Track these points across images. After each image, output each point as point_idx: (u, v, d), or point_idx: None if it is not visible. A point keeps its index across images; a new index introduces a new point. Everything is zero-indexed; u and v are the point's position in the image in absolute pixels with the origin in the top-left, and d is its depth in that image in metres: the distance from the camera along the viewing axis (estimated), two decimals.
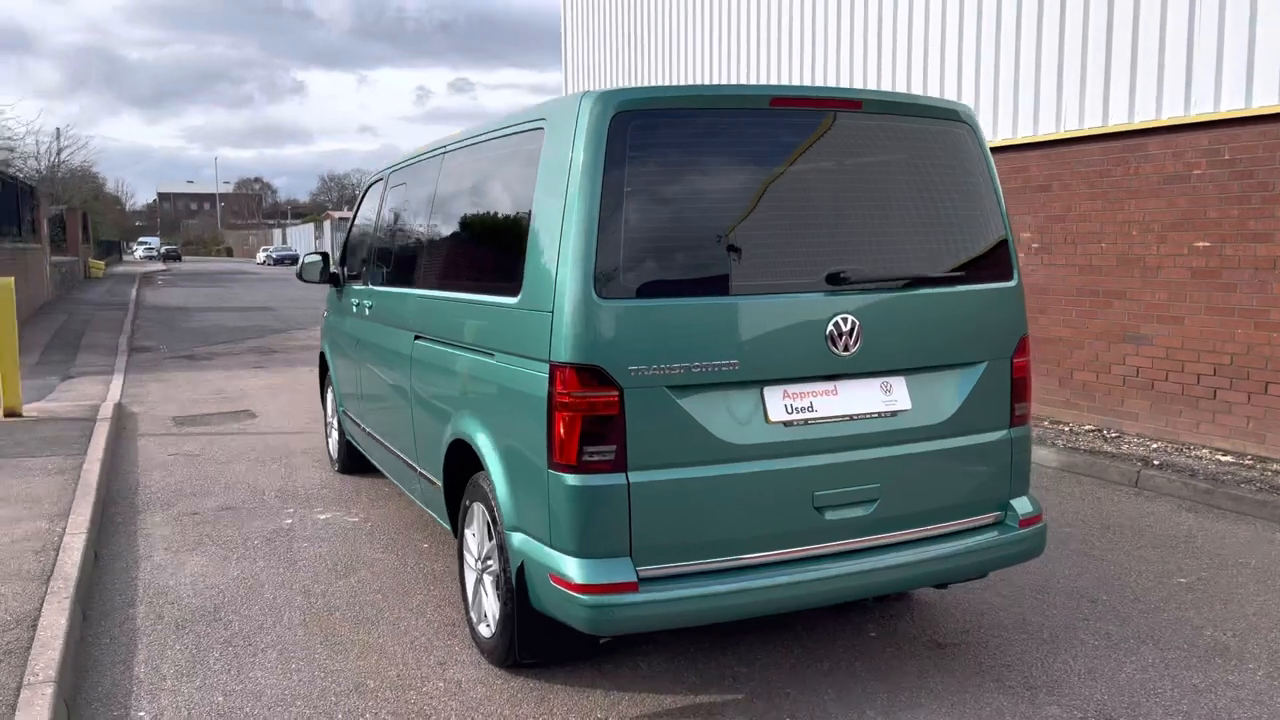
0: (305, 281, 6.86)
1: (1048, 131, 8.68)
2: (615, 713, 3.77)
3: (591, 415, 3.36)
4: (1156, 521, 6.17)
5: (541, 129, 3.76)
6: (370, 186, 6.55)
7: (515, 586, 3.74)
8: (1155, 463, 7.22)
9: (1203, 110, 7.43)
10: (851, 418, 3.70)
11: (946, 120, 3.97)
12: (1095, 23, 8.21)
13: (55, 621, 4.29)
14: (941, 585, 4.29)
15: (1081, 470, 7.35)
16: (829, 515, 3.64)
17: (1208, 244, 7.50)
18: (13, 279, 9.20)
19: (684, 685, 3.98)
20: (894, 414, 3.77)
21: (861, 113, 3.79)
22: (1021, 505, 4.07)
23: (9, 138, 35.47)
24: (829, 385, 3.67)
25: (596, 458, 3.38)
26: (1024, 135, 8.90)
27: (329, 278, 6.86)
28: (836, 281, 3.64)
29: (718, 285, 3.50)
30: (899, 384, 3.79)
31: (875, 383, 3.75)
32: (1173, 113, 7.63)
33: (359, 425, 6.44)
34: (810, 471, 3.61)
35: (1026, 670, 4.10)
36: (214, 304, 26.08)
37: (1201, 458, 7.32)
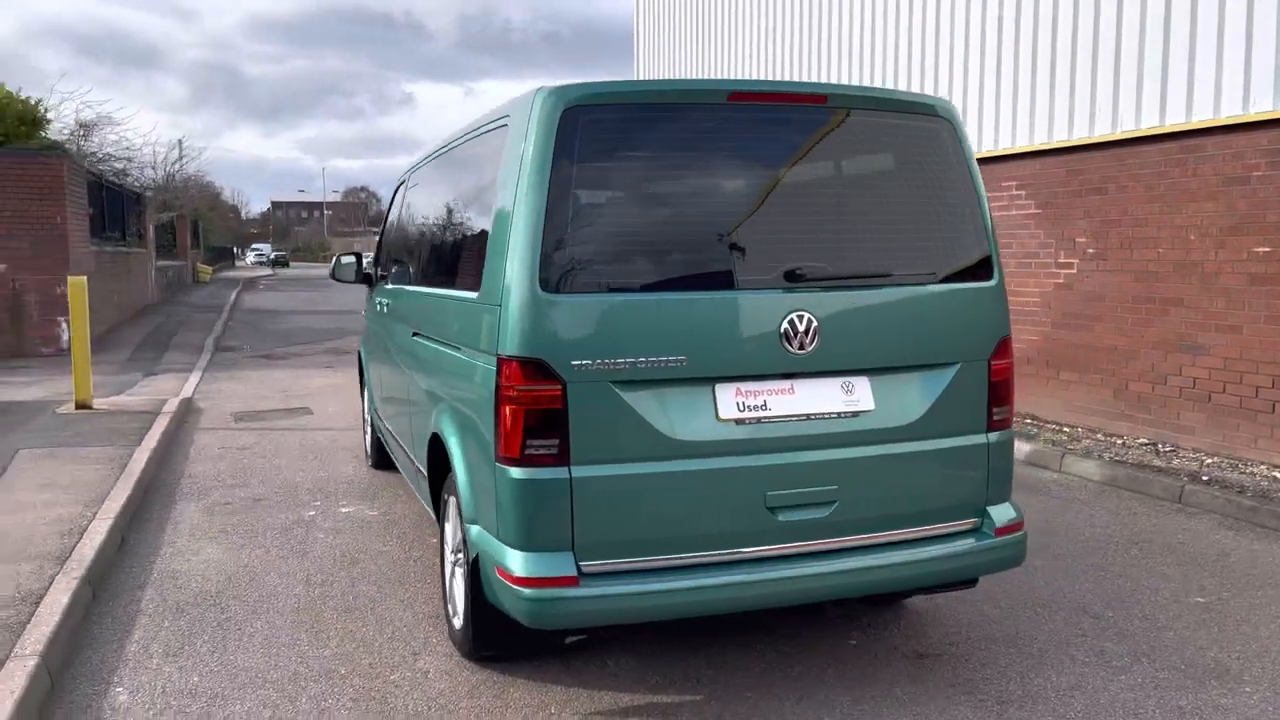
0: (339, 281, 7.03)
1: (1104, 132, 8.36)
2: (570, 708, 3.77)
3: (535, 409, 3.37)
4: (1191, 539, 5.87)
5: (506, 125, 3.79)
6: (397, 187, 6.69)
7: (471, 578, 3.78)
8: (1204, 478, 6.88)
9: (1261, 108, 7.05)
10: (809, 417, 3.62)
11: (921, 116, 3.86)
12: (1152, 18, 7.88)
13: (58, 600, 4.49)
14: (914, 593, 4.18)
15: (1124, 485, 7.04)
16: (782, 516, 3.58)
17: (1267, 249, 7.12)
18: (85, 277, 9.68)
19: (646, 685, 3.96)
20: (855, 414, 3.68)
21: (827, 107, 3.72)
22: (999, 513, 3.93)
23: (127, 148, 37.50)
24: (785, 384, 3.61)
25: (539, 451, 3.39)
26: (1080, 136, 8.59)
27: (363, 278, 7.01)
28: (793, 279, 3.58)
29: (666, 281, 3.48)
30: (862, 384, 3.70)
31: (836, 382, 3.67)
32: (1230, 111, 7.27)
33: (381, 420, 6.58)
34: (762, 470, 3.55)
35: (1004, 684, 3.95)
36: (306, 307, 26.93)
37: (1255, 474, 6.94)
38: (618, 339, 3.40)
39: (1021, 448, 7.99)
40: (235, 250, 78.44)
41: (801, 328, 3.55)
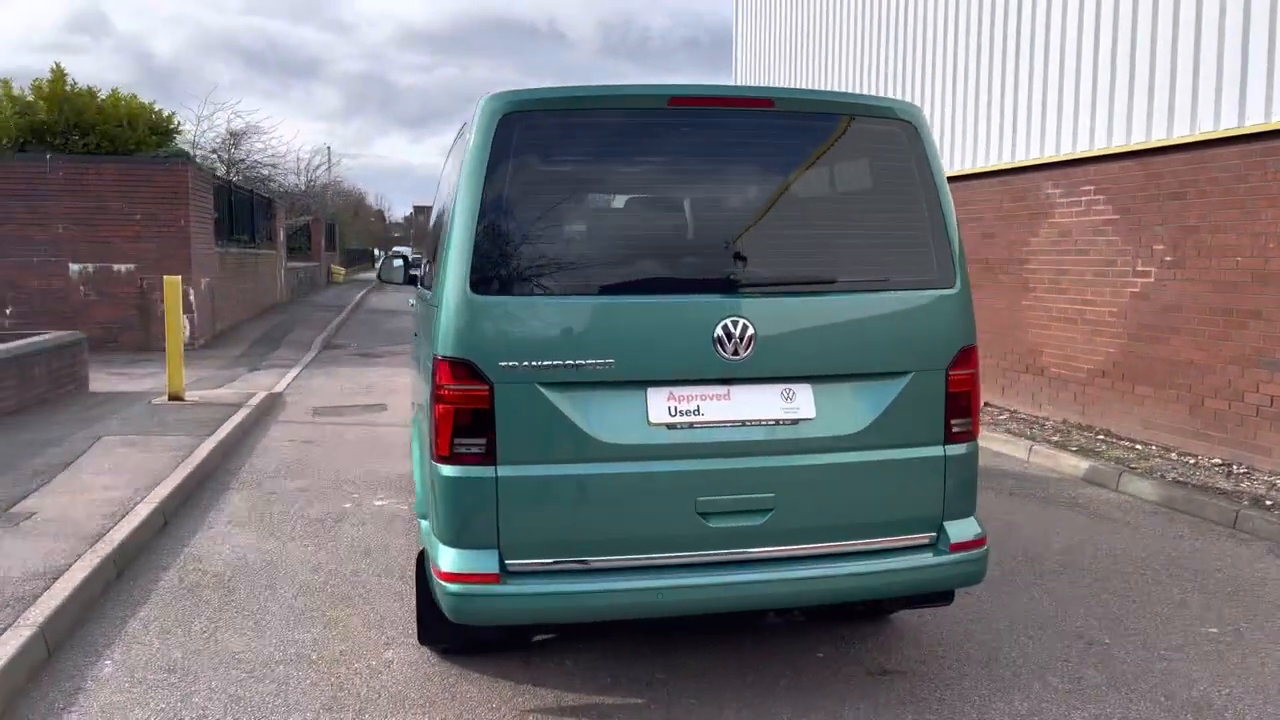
0: (384, 282, 7.26)
1: (1182, 133, 7.91)
2: (512, 704, 3.83)
3: (464, 408, 3.45)
4: (1230, 566, 5.51)
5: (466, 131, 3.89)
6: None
7: (418, 571, 3.89)
8: (1267, 503, 6.43)
9: None
10: (745, 423, 3.58)
11: (877, 119, 3.77)
12: (1232, 16, 7.42)
13: (75, 577, 4.81)
14: (892, 608, 4.10)
15: (1180, 507, 6.65)
16: (714, 522, 3.55)
17: None
18: (179, 277, 10.30)
19: (594, 685, 3.98)
20: (795, 422, 3.61)
21: (774, 112, 3.67)
22: (957, 528, 3.79)
23: (272, 155, 39.92)
24: (722, 389, 3.58)
25: (467, 450, 3.46)
26: (1158, 138, 8.15)
27: (409, 279, 7.22)
28: (729, 284, 3.55)
29: (595, 284, 3.50)
30: (804, 391, 3.64)
31: (775, 389, 3.62)
32: None
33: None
34: (693, 476, 3.53)
35: (960, 706, 3.81)
36: None
37: None
38: (544, 341, 3.44)
39: (1079, 464, 7.64)
40: (375, 252, 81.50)
41: (736, 333, 3.51)
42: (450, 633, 3.93)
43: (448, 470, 3.48)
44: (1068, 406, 9.36)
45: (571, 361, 3.45)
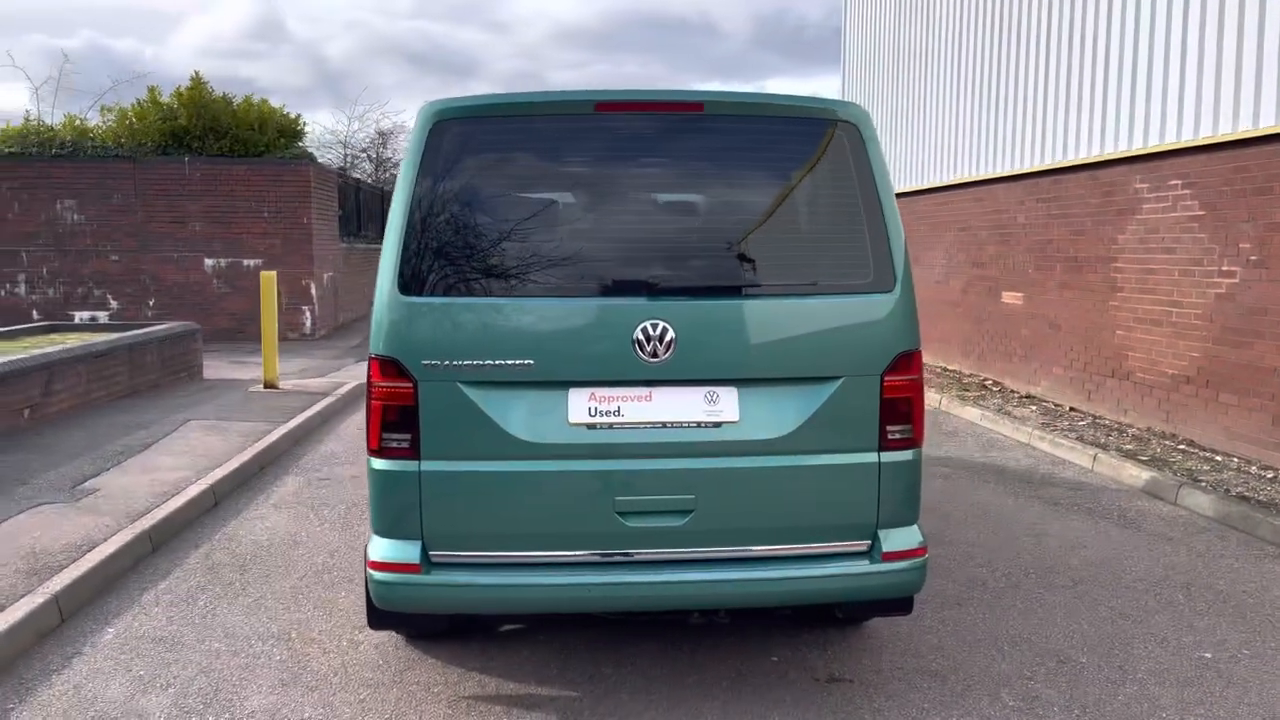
0: None
1: (1267, 124, 7.38)
2: (452, 690, 3.98)
3: (391, 404, 3.60)
4: (1260, 588, 5.14)
5: None
6: None
7: (365, 559, 4.07)
8: None
9: None
10: (666, 425, 3.60)
11: (816, 121, 3.72)
12: None
13: (105, 550, 5.23)
14: (854, 614, 4.18)
15: (1235, 523, 6.23)
16: (632, 522, 3.59)
17: None
18: (275, 273, 10.93)
19: (539, 676, 4.09)
20: (717, 425, 3.61)
21: (704, 115, 3.67)
22: (893, 536, 3.71)
23: None
24: (643, 391, 3.61)
25: (394, 444, 3.61)
26: (1244, 129, 7.62)
27: None
28: (648, 287, 3.58)
29: (516, 286, 3.59)
30: (728, 395, 3.63)
31: (699, 391, 3.63)
32: None
33: None
34: (611, 475, 3.58)
35: (891, 717, 3.73)
36: None
37: None
38: (465, 341, 3.55)
39: (1140, 475, 7.24)
40: None
41: (655, 335, 3.54)
42: (392, 619, 4.09)
43: (377, 463, 3.65)
44: (1152, 414, 8.86)
45: (491, 361, 3.55)
